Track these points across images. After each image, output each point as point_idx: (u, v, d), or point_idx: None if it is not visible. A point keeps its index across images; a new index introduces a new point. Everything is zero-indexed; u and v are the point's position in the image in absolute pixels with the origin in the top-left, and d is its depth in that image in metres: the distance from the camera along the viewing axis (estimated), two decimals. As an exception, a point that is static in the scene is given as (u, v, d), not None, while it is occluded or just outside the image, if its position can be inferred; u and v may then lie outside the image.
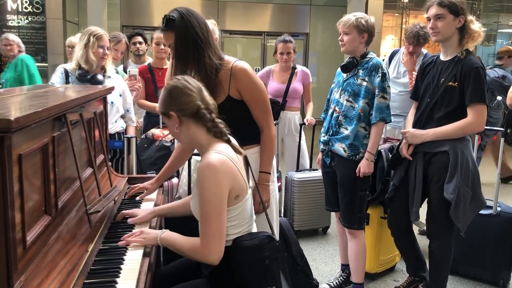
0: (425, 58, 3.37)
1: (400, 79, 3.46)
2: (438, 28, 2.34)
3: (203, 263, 1.64)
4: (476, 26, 2.34)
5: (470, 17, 2.36)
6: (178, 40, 1.88)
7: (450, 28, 2.33)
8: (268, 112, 2.05)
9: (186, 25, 1.87)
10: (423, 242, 2.87)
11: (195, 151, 2.58)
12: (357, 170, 2.49)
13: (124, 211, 1.86)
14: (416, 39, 3.22)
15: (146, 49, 4.20)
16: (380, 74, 2.47)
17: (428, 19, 2.37)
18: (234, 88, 1.97)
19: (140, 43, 4.10)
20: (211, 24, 3.01)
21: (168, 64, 3.70)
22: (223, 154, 1.56)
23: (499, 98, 3.67)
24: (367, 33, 2.50)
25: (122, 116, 3.05)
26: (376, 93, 2.47)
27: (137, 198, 2.11)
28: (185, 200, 1.96)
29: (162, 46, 3.55)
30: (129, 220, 1.79)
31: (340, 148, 2.53)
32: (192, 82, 1.65)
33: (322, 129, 2.72)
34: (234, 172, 1.56)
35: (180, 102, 1.60)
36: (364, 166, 2.47)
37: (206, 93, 1.65)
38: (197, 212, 1.61)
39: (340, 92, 2.59)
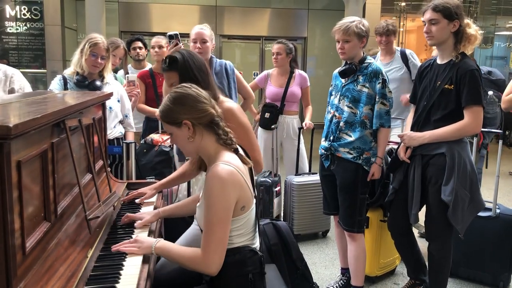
0: (402, 53, 3.54)
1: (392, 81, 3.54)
2: (432, 33, 2.36)
3: None
4: (472, 29, 2.36)
5: (467, 21, 2.37)
6: (182, 80, 1.96)
7: (444, 33, 2.34)
8: (256, 151, 2.08)
9: (187, 66, 1.99)
10: (423, 245, 2.86)
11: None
12: (368, 177, 2.53)
13: (129, 214, 1.87)
14: (386, 30, 3.55)
15: (146, 55, 4.22)
16: (380, 80, 2.48)
17: (424, 23, 2.39)
18: None
19: (140, 48, 4.12)
20: (206, 27, 3.00)
21: None
22: (231, 165, 1.53)
23: (490, 93, 3.69)
24: (366, 37, 2.52)
25: (121, 122, 3.05)
26: (377, 99, 2.48)
27: (137, 200, 2.12)
28: (186, 201, 1.99)
29: (156, 49, 3.72)
30: (136, 224, 1.81)
31: (344, 151, 2.54)
32: (201, 89, 1.64)
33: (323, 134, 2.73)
34: (241, 183, 1.55)
35: (196, 110, 1.56)
36: (376, 171, 2.53)
37: (214, 102, 1.64)
38: (201, 220, 1.60)
39: (340, 97, 2.59)
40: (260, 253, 1.66)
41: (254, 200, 1.67)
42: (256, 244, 1.68)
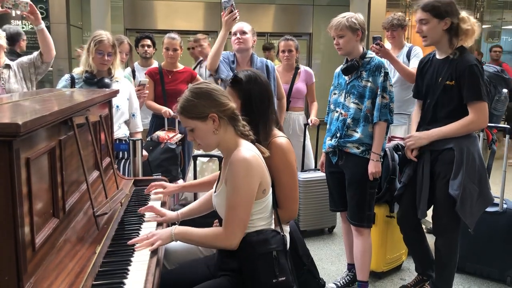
0: (408, 50, 3.51)
1: (396, 76, 3.53)
2: (424, 32, 2.36)
3: (217, 263, 1.73)
4: (467, 24, 2.32)
5: (462, 15, 2.33)
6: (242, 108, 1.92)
7: (435, 32, 2.33)
8: (296, 199, 1.99)
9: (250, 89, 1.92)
10: (429, 240, 2.86)
11: (197, 152, 2.57)
12: (369, 173, 2.49)
13: (154, 208, 1.92)
14: (391, 25, 3.52)
15: (153, 53, 4.24)
16: (382, 74, 2.47)
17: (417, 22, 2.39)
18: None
19: (148, 46, 4.14)
20: (247, 24, 3.09)
21: (179, 68, 3.73)
22: (253, 151, 1.65)
23: (505, 90, 3.68)
24: (360, 30, 2.51)
25: (127, 123, 2.98)
26: (378, 92, 2.47)
27: (152, 194, 2.17)
28: (203, 199, 2.03)
29: (171, 52, 3.62)
30: (159, 219, 1.88)
31: (353, 147, 2.53)
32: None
33: (327, 133, 2.71)
34: (263, 167, 1.66)
35: (221, 103, 1.65)
36: (371, 167, 2.48)
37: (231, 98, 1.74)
38: (221, 208, 1.69)
39: (345, 95, 2.58)
40: (282, 233, 1.72)
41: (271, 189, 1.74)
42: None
